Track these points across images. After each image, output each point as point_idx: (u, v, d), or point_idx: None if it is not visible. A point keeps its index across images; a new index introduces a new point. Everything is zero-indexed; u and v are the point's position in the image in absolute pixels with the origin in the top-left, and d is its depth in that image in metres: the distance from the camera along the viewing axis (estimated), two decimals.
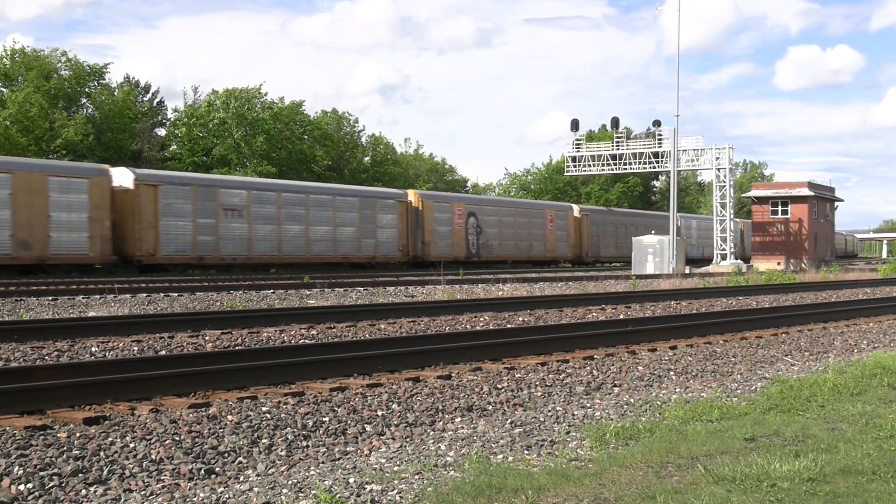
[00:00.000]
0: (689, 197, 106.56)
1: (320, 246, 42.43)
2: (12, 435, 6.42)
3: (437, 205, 49.57)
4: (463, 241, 50.42)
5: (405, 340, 11.90)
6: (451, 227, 49.66)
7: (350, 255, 43.90)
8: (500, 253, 53.13)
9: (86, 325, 13.08)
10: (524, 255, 54.99)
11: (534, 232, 56.24)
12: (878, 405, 8.41)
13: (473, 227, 51.43)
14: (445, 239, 49.13)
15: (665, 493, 5.33)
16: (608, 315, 18.00)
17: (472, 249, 50.90)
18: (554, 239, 57.73)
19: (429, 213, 48.20)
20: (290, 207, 41.31)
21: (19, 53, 54.45)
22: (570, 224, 59.49)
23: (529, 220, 55.93)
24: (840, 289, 30.71)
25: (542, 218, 57.17)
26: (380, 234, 45.43)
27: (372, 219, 45.11)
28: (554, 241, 57.75)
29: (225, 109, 60.61)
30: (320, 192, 43.99)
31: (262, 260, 40.17)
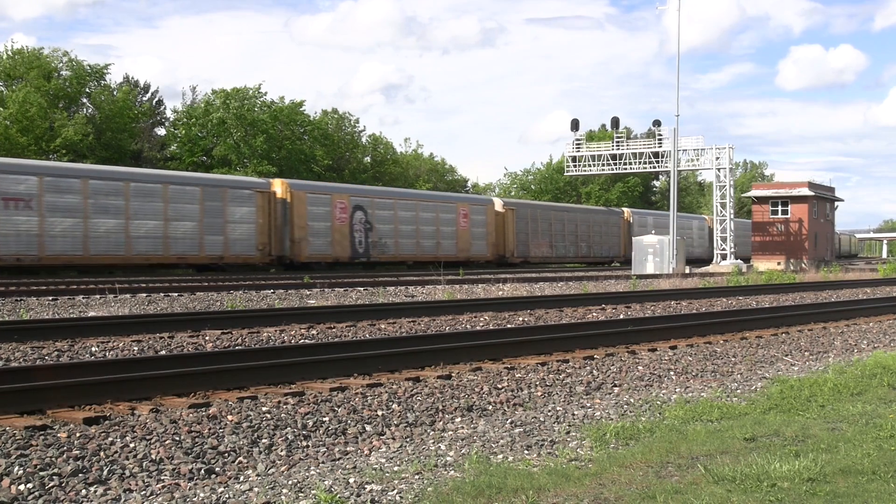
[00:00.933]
0: (689, 197, 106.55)
1: (145, 244, 35.72)
2: (12, 435, 6.41)
3: (312, 196, 42.16)
4: (347, 238, 43.39)
5: (405, 340, 11.89)
6: (330, 222, 42.55)
7: (187, 254, 37.14)
8: (398, 253, 46.39)
9: (86, 325, 13.08)
10: (429, 255, 47.38)
11: (443, 229, 49.13)
12: (878, 405, 8.41)
13: (361, 222, 44.29)
14: (322, 236, 42.06)
15: (665, 493, 5.33)
16: (608, 315, 18.00)
17: (358, 249, 44.10)
18: (468, 237, 50.64)
19: (300, 206, 41.13)
20: (102, 197, 34.51)
21: (20, 53, 54.49)
22: (490, 220, 52.41)
23: (437, 216, 48.84)
24: (840, 289, 30.71)
25: (452, 213, 49.91)
26: (231, 231, 38.52)
27: (219, 212, 38.10)
28: (468, 240, 50.64)
29: (225, 109, 60.61)
30: (146, 179, 36.84)
31: (61, 261, 33.60)
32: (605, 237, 63.06)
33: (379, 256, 45.34)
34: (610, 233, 63.76)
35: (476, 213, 51.90)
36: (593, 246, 61.78)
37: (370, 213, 44.94)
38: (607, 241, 63.39)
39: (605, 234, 63.04)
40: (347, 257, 43.62)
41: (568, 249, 59.20)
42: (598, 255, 61.74)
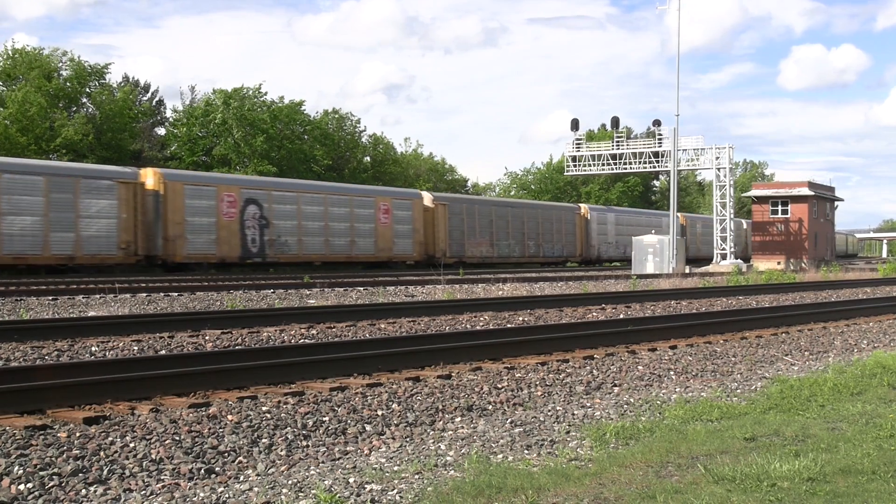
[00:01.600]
0: (688, 197, 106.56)
1: None
2: (12, 435, 6.42)
3: (191, 188, 37.38)
4: (236, 236, 38.71)
5: (405, 340, 11.90)
6: (215, 217, 37.85)
7: (25, 254, 32.45)
8: (301, 252, 41.49)
9: (86, 324, 13.08)
10: (341, 255, 43.19)
11: (358, 226, 44.13)
12: (878, 405, 8.41)
13: (255, 218, 39.46)
14: (205, 234, 37.38)
15: (665, 493, 5.33)
16: (608, 315, 17.99)
17: (251, 248, 39.32)
18: (390, 235, 45.49)
19: (176, 200, 36.52)
20: None
21: (20, 53, 54.49)
22: (417, 216, 47.16)
23: (351, 211, 43.80)
24: (840, 288, 30.71)
25: (370, 208, 44.87)
26: (85, 227, 33.77)
27: (71, 206, 33.37)
28: (390, 238, 45.50)
29: (225, 109, 60.62)
30: None
31: None
32: (557, 235, 57.79)
33: (277, 256, 40.55)
34: (564, 230, 58.39)
35: (400, 208, 46.29)
36: (543, 245, 56.52)
37: (266, 208, 40.06)
38: (560, 240, 58.13)
39: (558, 231, 57.75)
40: (237, 257, 38.93)
41: (513, 249, 53.97)
42: (548, 255, 56.79)
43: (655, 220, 68.11)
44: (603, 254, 61.43)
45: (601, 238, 61.33)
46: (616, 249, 62.59)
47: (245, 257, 39.28)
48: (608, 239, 61.90)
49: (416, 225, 47.31)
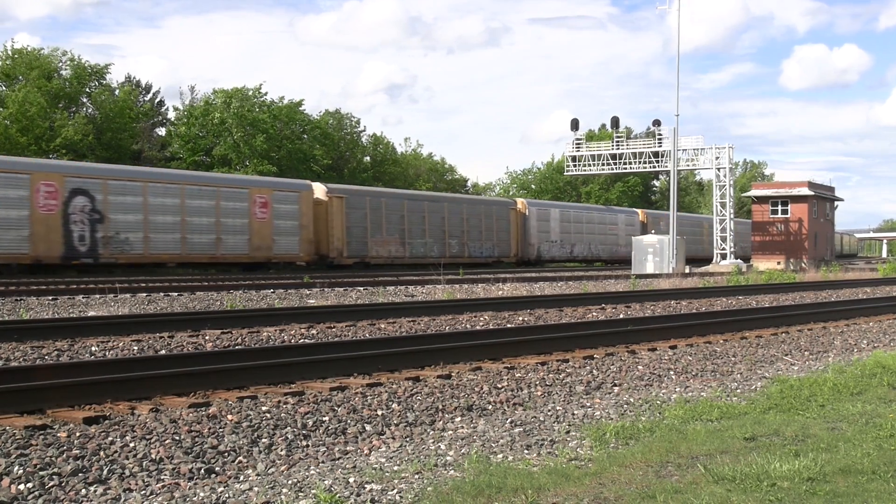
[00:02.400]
0: (688, 196, 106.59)
1: None
2: (12, 434, 6.42)
3: None
4: (57, 232, 33.20)
5: (405, 340, 11.90)
6: (28, 210, 32.41)
7: None
8: (148, 251, 35.85)
9: (86, 324, 13.08)
10: (203, 255, 37.51)
11: (227, 221, 38.14)
12: (878, 404, 8.41)
13: (84, 211, 34.01)
14: (13, 229, 32.01)
15: (665, 493, 5.33)
16: (608, 315, 17.99)
17: (78, 246, 33.91)
18: (269, 232, 39.89)
19: None
20: None
21: (20, 53, 54.49)
22: (306, 210, 41.45)
23: (217, 204, 37.84)
24: (840, 288, 30.71)
25: (242, 201, 39.04)
26: None
27: None
28: (269, 235, 39.91)
29: (225, 109, 60.63)
30: None
31: None
32: (488, 233, 52.14)
33: (115, 256, 35.00)
34: (496, 228, 52.73)
35: (283, 201, 40.67)
36: (469, 243, 50.83)
37: (100, 200, 34.49)
38: (491, 238, 52.37)
39: (488, 229, 52.14)
40: (58, 257, 33.41)
41: (430, 248, 48.18)
42: (476, 255, 51.05)
43: (610, 218, 63.68)
44: (544, 254, 55.83)
45: (542, 236, 55.78)
46: (561, 249, 57.33)
47: (70, 257, 33.85)
48: (551, 237, 56.23)
49: (304, 221, 41.29)
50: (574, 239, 58.40)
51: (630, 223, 65.23)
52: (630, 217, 66.57)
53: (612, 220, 63.65)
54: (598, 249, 61.33)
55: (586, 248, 59.96)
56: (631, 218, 66.31)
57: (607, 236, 62.71)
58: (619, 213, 66.14)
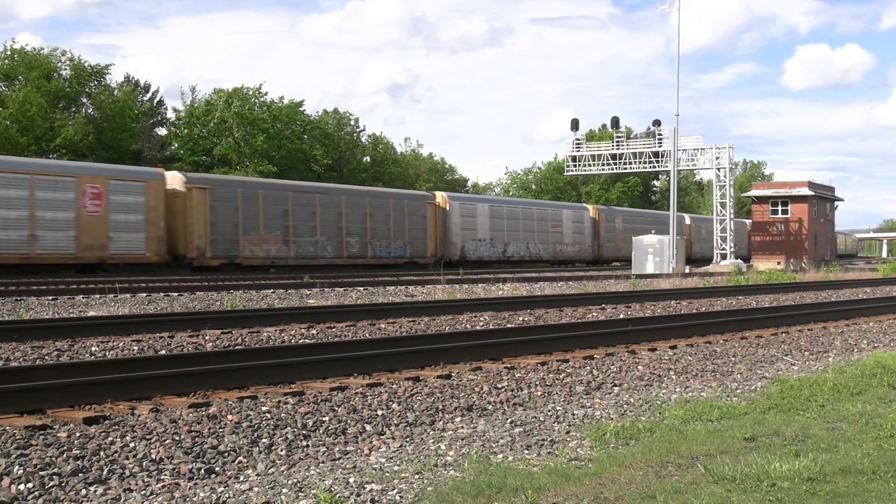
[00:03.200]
0: (688, 196, 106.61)
1: None
2: (12, 435, 6.42)
3: None
4: None
5: (405, 340, 11.90)
6: None
7: None
8: None
9: (86, 324, 13.08)
10: (11, 255, 32.06)
11: (45, 215, 32.71)
12: (878, 405, 8.41)
13: None
14: None
15: (665, 493, 5.33)
16: (608, 315, 17.99)
17: None
18: (104, 228, 34.34)
19: None
20: None
21: (20, 53, 54.49)
22: (155, 203, 35.99)
23: (31, 195, 32.30)
24: (840, 288, 30.71)
25: (68, 192, 33.44)
26: None
27: None
28: (103, 232, 34.34)
29: (226, 109, 60.63)
30: None
31: None
32: (398, 230, 45.86)
33: None
34: (408, 224, 46.39)
35: (123, 192, 34.90)
36: (374, 242, 44.63)
37: None
38: (402, 236, 46.03)
39: (398, 225, 45.86)
40: None
41: (321, 247, 42.12)
42: (382, 256, 45.12)
43: (553, 214, 57.44)
44: (470, 253, 49.79)
45: (467, 234, 49.92)
46: (492, 249, 51.52)
47: None
48: (478, 235, 50.38)
49: (153, 215, 35.74)
50: (508, 237, 52.45)
51: (578, 220, 59.44)
52: (578, 213, 60.20)
53: (555, 217, 57.46)
54: (539, 249, 55.39)
55: (523, 247, 53.98)
56: (579, 214, 60.21)
57: (550, 234, 56.52)
58: (564, 210, 59.81)
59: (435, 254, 48.09)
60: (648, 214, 69.52)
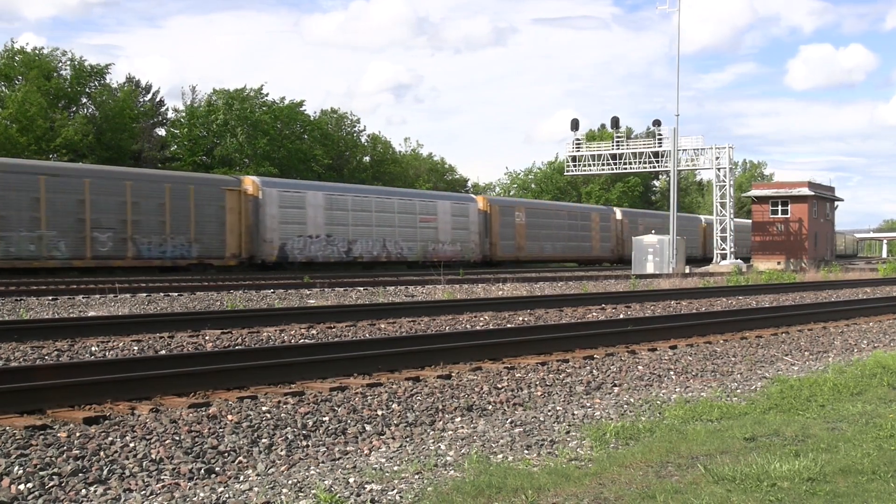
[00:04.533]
0: (688, 197, 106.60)
1: None
2: (12, 435, 6.42)
3: None
4: None
5: (405, 340, 11.90)
6: None
7: None
8: None
9: (86, 324, 13.08)
10: None
11: None
12: (878, 405, 8.41)
13: None
14: None
15: (665, 493, 5.33)
16: (608, 315, 17.99)
17: None
18: None
19: None
20: None
21: (20, 53, 54.50)
22: None
23: None
24: (840, 289, 30.71)
25: None
26: None
27: None
28: None
29: (227, 111, 60.63)
30: None
31: None
32: (179, 224, 36.38)
33: None
34: (197, 216, 36.95)
35: None
36: (139, 237, 35.08)
37: None
38: (185, 231, 36.56)
39: (179, 217, 36.38)
40: None
41: (48, 245, 32.36)
42: (151, 256, 35.68)
43: (422, 206, 47.52)
44: (295, 253, 40.43)
45: (291, 229, 40.21)
46: (329, 247, 42.08)
47: None
48: (308, 231, 40.83)
49: None
50: (353, 233, 43.04)
51: (461, 213, 49.49)
52: (461, 206, 50.18)
53: (426, 209, 47.51)
54: (400, 247, 45.81)
55: (377, 245, 44.55)
56: (462, 206, 50.14)
57: (419, 230, 46.83)
58: (440, 200, 49.42)
59: (239, 253, 38.69)
60: (564, 208, 60.28)
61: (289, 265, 39.83)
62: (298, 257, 40.73)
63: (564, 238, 56.99)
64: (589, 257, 59.02)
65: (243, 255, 38.95)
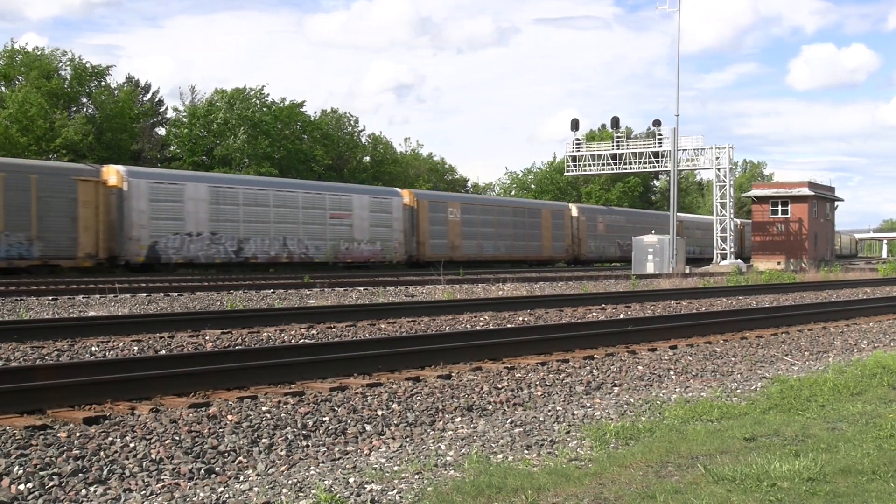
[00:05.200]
0: (688, 197, 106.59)
1: None
2: (12, 435, 6.41)
3: None
4: None
5: (405, 340, 11.90)
6: None
7: None
8: None
9: (86, 324, 13.08)
10: None
11: None
12: (878, 405, 8.41)
13: None
14: None
15: (665, 493, 5.33)
16: (608, 315, 17.99)
17: None
18: None
19: None
20: None
21: (20, 53, 54.50)
22: None
23: None
24: (840, 289, 30.71)
25: None
26: None
27: None
28: None
29: (228, 110, 60.62)
30: None
31: None
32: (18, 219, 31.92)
33: None
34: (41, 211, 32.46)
35: None
36: None
37: None
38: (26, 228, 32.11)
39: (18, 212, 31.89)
40: None
41: None
42: None
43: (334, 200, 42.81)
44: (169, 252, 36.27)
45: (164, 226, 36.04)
46: (213, 246, 37.83)
47: None
48: (186, 228, 36.75)
49: None
50: (245, 231, 38.82)
51: (381, 208, 44.88)
52: (383, 200, 45.33)
53: (338, 204, 42.97)
54: (305, 247, 41.20)
55: (275, 244, 40.03)
56: (384, 202, 45.32)
57: (329, 227, 42.34)
58: (356, 195, 44.54)
59: (95, 253, 34.47)
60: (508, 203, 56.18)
61: (162, 266, 36.05)
62: (174, 258, 36.50)
63: (509, 237, 52.41)
64: (539, 258, 54.74)
65: (101, 255, 34.67)
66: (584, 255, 58.69)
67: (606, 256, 61.08)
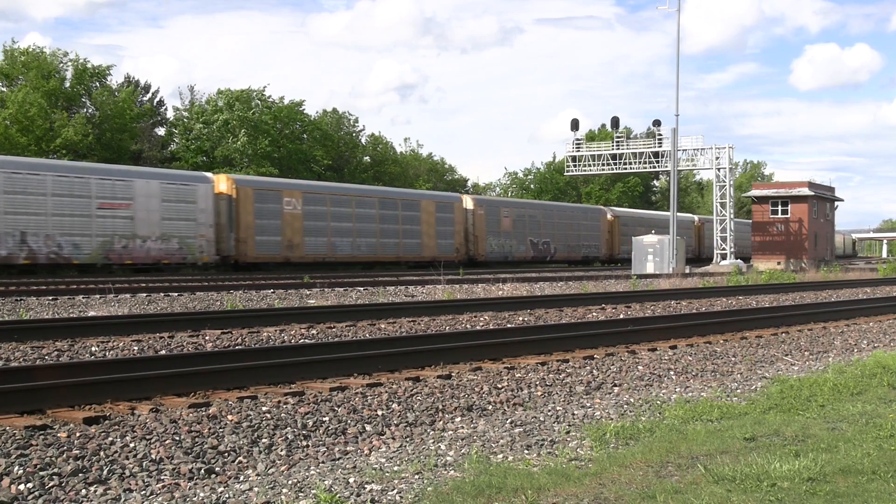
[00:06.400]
0: (688, 197, 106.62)
1: None
2: (12, 435, 6.41)
3: None
4: None
5: (405, 340, 11.89)
6: None
7: None
8: None
9: (86, 324, 13.08)
10: None
11: None
12: (878, 405, 8.41)
13: None
14: None
15: (665, 493, 5.33)
16: (608, 315, 17.99)
17: None
18: None
19: None
20: None
21: (20, 53, 54.49)
22: None
23: None
24: (840, 289, 30.71)
25: None
26: None
27: None
28: None
29: (229, 111, 60.61)
30: None
31: None
32: None
33: None
34: None
35: None
36: None
37: None
38: None
39: None
40: None
41: None
42: None
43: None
44: None
45: None
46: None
47: None
48: None
49: None
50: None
51: (179, 197, 36.60)
52: (181, 188, 36.83)
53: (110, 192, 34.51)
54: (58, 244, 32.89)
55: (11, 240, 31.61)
56: (185, 189, 36.86)
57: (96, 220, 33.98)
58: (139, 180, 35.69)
59: None
60: (372, 193, 46.83)
61: None
62: None
63: (373, 233, 44.00)
64: (419, 258, 46.09)
65: None
66: (481, 256, 50.48)
67: (515, 257, 52.68)
